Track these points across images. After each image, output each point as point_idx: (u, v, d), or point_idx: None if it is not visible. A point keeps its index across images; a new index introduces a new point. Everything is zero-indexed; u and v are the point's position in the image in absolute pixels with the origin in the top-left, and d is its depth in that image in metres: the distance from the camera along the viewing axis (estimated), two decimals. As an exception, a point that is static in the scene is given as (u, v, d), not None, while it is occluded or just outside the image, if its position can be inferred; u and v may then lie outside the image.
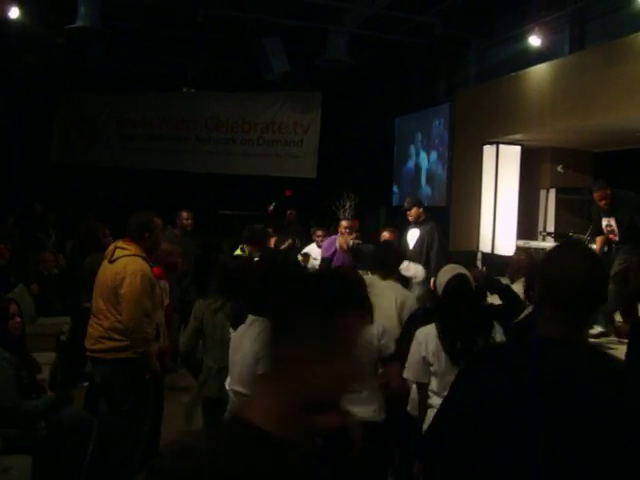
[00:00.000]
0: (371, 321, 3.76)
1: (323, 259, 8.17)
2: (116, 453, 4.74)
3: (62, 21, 10.56)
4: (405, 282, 6.08)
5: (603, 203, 7.22)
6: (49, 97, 15.47)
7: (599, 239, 7.46)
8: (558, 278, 1.95)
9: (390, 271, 5.51)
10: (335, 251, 8.38)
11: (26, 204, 13.14)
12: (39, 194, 13.64)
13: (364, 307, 2.44)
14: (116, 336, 4.65)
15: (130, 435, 4.74)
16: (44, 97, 15.09)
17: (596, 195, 7.27)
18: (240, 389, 2.82)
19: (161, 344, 5.00)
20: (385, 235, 7.86)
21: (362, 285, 3.74)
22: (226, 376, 4.28)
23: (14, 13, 10.35)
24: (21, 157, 14.43)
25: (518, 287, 5.34)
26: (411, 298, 5.44)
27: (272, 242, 7.80)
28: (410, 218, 8.06)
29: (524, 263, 5.34)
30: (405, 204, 8.22)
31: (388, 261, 5.62)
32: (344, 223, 8.42)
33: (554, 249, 2.16)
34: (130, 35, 13.14)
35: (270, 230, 8.55)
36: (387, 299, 5.14)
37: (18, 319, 4.82)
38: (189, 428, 5.05)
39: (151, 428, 5.23)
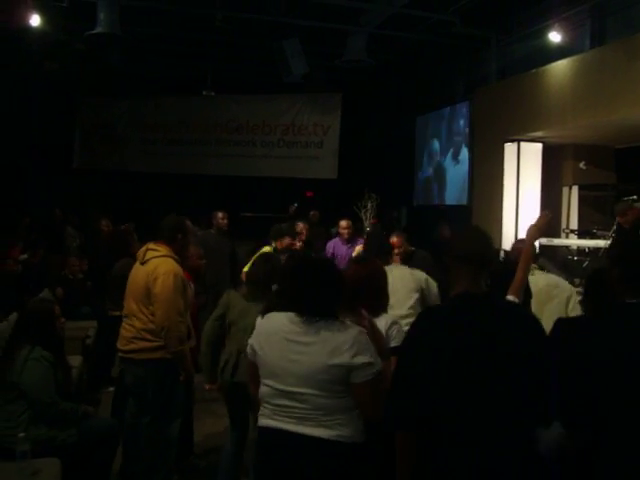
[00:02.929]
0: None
1: None
2: (150, 456, 4.76)
3: (82, 28, 10.64)
4: None
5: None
6: (70, 103, 15.61)
7: None
8: (462, 253, 2.81)
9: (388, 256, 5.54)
10: (333, 254, 8.48)
11: (47, 211, 13.21)
12: (61, 201, 13.74)
13: None
14: (148, 336, 4.67)
15: (162, 437, 4.76)
16: (65, 104, 15.22)
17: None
18: (304, 390, 2.91)
19: (191, 344, 5.02)
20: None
21: (383, 277, 3.92)
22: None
23: (35, 21, 10.44)
24: (43, 164, 14.55)
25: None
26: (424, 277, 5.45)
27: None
28: None
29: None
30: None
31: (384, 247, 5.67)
32: (343, 223, 8.56)
33: (460, 232, 3.03)
34: (149, 40, 13.22)
35: (301, 225, 8.55)
36: (402, 286, 5.15)
37: (63, 319, 4.91)
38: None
39: (184, 429, 5.26)
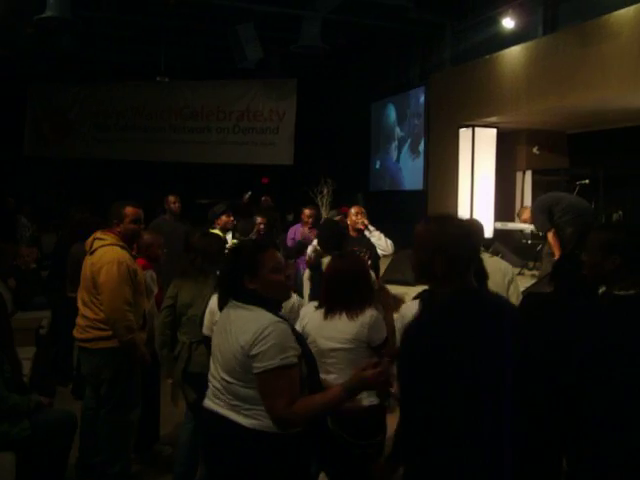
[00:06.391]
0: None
1: (287, 249, 8.17)
2: (108, 446, 4.73)
3: (31, 11, 10.41)
4: None
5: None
6: (20, 89, 15.28)
7: None
8: (451, 251, 2.33)
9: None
10: (294, 239, 8.48)
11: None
12: (13, 188, 13.49)
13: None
14: (102, 325, 4.63)
15: (120, 427, 4.73)
16: (15, 89, 14.90)
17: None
18: (226, 377, 2.87)
19: (142, 336, 4.96)
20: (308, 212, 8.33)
21: (366, 270, 4.07)
22: (202, 350, 4.35)
23: (-18, 4, 10.21)
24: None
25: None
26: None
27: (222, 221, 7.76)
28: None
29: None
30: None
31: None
32: (307, 212, 8.42)
33: (437, 225, 2.48)
34: (101, 24, 12.99)
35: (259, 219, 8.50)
36: None
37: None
38: (176, 406, 5.05)
39: (149, 417, 5.23)
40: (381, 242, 6.49)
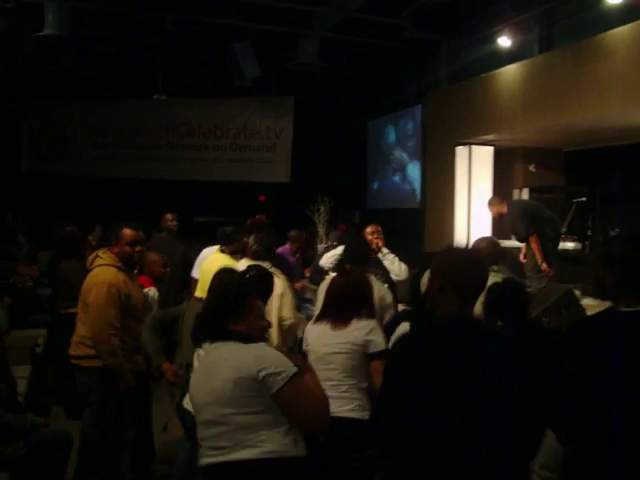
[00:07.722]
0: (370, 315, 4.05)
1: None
2: (101, 465, 4.69)
3: (30, 29, 10.44)
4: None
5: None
6: (18, 107, 15.30)
7: None
8: (459, 280, 2.40)
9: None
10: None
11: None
12: (10, 206, 13.45)
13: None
14: (90, 343, 4.62)
15: (113, 445, 4.69)
16: (12, 107, 14.91)
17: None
18: (227, 410, 2.85)
19: (138, 360, 4.92)
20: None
21: (368, 286, 4.26)
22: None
23: (-20, 23, 10.23)
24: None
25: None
26: (389, 294, 5.47)
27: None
28: None
29: (487, 251, 5.16)
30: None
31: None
32: (293, 234, 9.32)
33: (448, 255, 2.57)
34: (99, 42, 13.02)
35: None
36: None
37: None
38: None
39: (144, 435, 5.20)
40: (394, 266, 6.38)
